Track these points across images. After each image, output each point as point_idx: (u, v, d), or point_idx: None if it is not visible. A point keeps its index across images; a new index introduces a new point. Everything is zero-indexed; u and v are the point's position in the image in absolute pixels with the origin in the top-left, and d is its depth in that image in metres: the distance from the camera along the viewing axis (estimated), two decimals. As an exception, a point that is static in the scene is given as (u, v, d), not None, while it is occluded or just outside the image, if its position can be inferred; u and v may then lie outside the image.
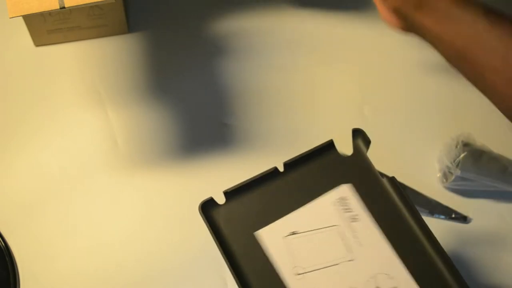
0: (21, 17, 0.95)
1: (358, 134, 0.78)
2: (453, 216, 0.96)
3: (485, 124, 1.01)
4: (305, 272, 0.71)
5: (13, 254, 0.91)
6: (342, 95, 1.04)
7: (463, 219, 0.96)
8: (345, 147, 0.79)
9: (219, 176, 0.96)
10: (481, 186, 0.96)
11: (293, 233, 0.73)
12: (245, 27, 1.07)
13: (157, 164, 0.98)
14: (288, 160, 0.77)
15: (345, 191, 0.74)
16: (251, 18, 1.07)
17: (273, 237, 0.72)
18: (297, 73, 1.05)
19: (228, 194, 0.77)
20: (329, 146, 0.78)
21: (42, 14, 0.97)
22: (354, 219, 0.72)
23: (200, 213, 0.75)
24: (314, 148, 0.78)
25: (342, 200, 0.73)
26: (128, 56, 1.04)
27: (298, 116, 1.02)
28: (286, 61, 1.06)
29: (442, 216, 0.96)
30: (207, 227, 0.74)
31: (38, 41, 1.05)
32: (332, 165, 0.77)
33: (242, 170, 0.95)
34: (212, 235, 0.73)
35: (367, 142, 0.78)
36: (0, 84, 1.03)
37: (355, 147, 0.78)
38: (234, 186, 0.77)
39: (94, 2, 0.89)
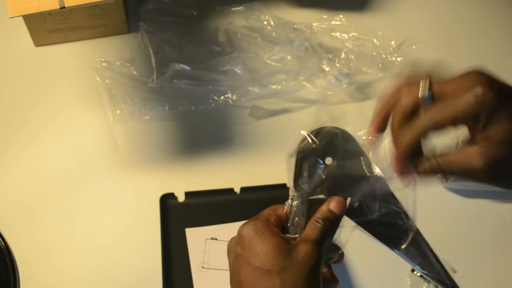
0: (21, 17, 0.95)
1: None
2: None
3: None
4: (209, 268, 0.89)
5: (13, 254, 0.91)
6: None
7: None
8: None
9: (219, 177, 0.96)
10: (481, 186, 0.96)
11: (214, 239, 0.90)
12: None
13: (157, 164, 0.98)
14: (245, 186, 0.94)
15: None
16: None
17: (197, 237, 0.91)
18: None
19: (188, 194, 0.94)
20: (283, 186, 0.92)
21: (42, 14, 0.97)
22: None
23: (159, 202, 0.92)
24: (268, 184, 0.93)
25: None
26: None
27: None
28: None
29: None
30: (160, 214, 0.92)
31: (38, 41, 1.05)
32: (273, 199, 0.87)
33: (242, 174, 0.96)
34: (160, 221, 0.91)
35: None
36: (0, 84, 1.03)
37: None
38: (195, 191, 0.94)
39: (94, 2, 0.89)
